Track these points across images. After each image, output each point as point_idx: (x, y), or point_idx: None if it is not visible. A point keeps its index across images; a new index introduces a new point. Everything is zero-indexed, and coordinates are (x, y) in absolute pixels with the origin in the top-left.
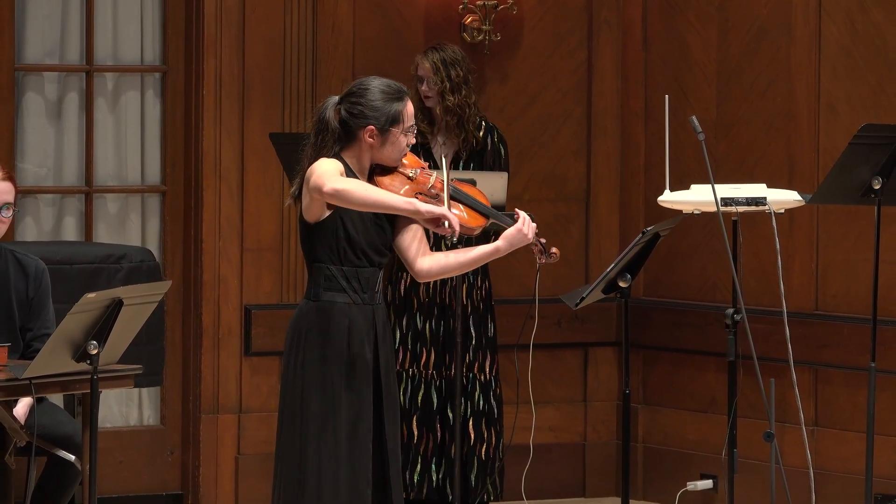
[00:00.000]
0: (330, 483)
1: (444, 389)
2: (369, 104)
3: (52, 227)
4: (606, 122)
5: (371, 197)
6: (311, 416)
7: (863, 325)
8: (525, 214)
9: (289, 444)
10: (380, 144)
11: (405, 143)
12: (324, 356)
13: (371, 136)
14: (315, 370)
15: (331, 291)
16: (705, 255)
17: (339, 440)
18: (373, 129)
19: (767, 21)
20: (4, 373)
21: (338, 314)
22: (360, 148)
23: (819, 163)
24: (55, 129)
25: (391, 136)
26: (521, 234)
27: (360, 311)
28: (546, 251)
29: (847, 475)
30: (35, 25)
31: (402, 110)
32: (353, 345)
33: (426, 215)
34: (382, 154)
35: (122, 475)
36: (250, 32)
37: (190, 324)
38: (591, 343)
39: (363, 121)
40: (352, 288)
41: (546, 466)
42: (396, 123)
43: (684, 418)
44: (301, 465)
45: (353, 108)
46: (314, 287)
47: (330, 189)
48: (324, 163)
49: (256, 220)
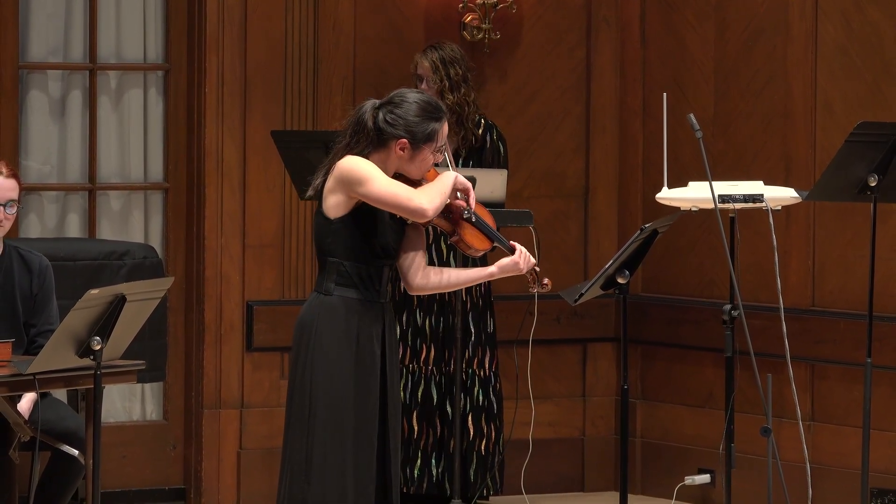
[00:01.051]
0: (335, 478)
1: (444, 385)
2: (408, 118)
3: (56, 223)
4: (605, 120)
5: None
6: (319, 410)
7: (859, 321)
8: (523, 249)
9: (296, 438)
10: (408, 158)
11: (431, 162)
12: (332, 351)
13: (402, 149)
14: (323, 364)
15: (343, 287)
16: (703, 252)
17: (345, 435)
18: (405, 142)
19: (764, 19)
20: (8, 368)
21: (348, 310)
22: (389, 157)
23: (816, 160)
24: (59, 127)
25: (422, 153)
26: (515, 266)
27: (370, 308)
28: (539, 281)
29: (843, 470)
30: (39, 24)
31: (439, 130)
32: (362, 341)
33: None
34: (408, 168)
35: (125, 470)
36: (252, 31)
37: (192, 320)
38: (590, 339)
39: (398, 131)
40: (364, 285)
41: (545, 461)
42: (429, 142)
43: (682, 413)
44: (307, 459)
45: (390, 117)
46: (326, 281)
47: (423, 210)
48: (368, 167)
49: (258, 217)
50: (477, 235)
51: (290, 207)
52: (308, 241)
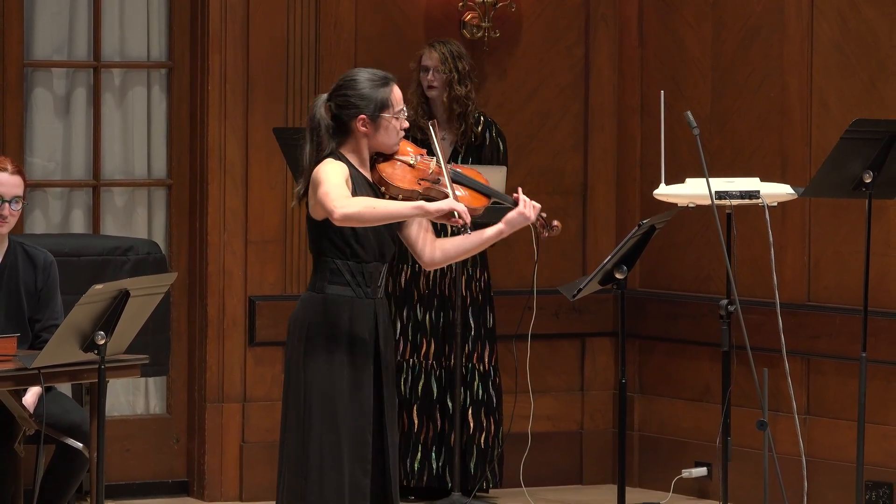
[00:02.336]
0: (332, 474)
1: (444, 379)
2: (357, 93)
3: (61, 219)
4: (603, 118)
5: (380, 213)
6: (314, 406)
7: (854, 316)
8: (524, 196)
9: (292, 434)
10: (373, 132)
11: (398, 128)
12: (326, 348)
13: (364, 125)
14: (317, 361)
15: (335, 285)
16: (700, 248)
17: (340, 431)
18: (364, 117)
19: (761, 18)
20: (14, 362)
21: (341, 307)
22: (357, 139)
23: (811, 157)
24: (63, 124)
25: (382, 121)
26: (522, 217)
27: (363, 305)
28: (548, 225)
29: (838, 463)
30: (44, 22)
31: (390, 95)
32: (356, 338)
33: (436, 214)
34: (377, 141)
35: (128, 463)
36: (254, 29)
37: (195, 315)
38: (589, 333)
39: (353, 111)
40: (356, 282)
41: (544, 454)
42: (385, 108)
43: (679, 407)
44: (304, 455)
45: (341, 100)
46: (319, 280)
47: (340, 216)
48: (329, 172)
49: (260, 214)
50: (471, 194)
51: (292, 204)
52: None
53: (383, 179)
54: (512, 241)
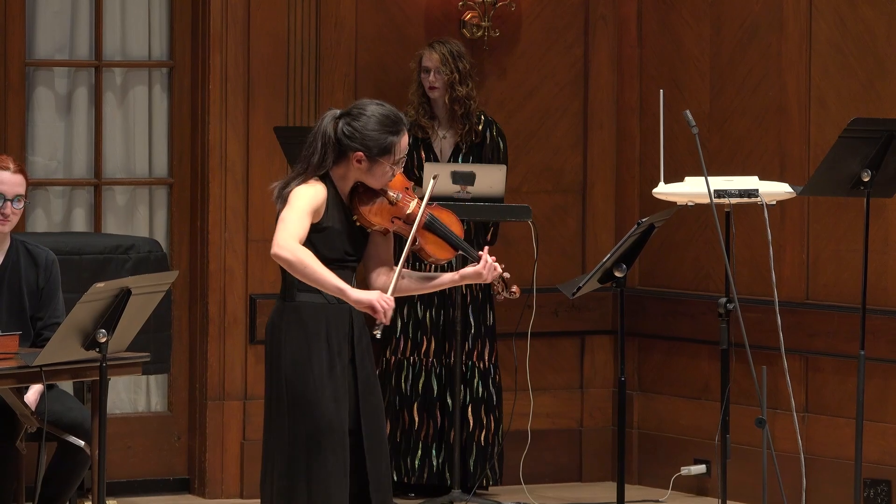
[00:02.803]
0: (316, 474)
1: (444, 377)
2: (364, 131)
3: (62, 218)
4: (602, 116)
5: (306, 275)
6: (294, 412)
7: (852, 314)
8: (488, 258)
9: (274, 440)
10: (366, 170)
11: (391, 174)
12: (301, 354)
13: (359, 161)
14: (294, 367)
15: (306, 292)
16: (699, 246)
17: (319, 436)
18: (361, 155)
19: (759, 17)
20: (16, 360)
21: (314, 314)
22: (348, 167)
23: (810, 156)
24: (65, 123)
25: (379, 165)
26: (477, 276)
27: (336, 311)
28: (507, 288)
29: (837, 460)
30: (45, 22)
31: (397, 143)
32: (331, 344)
33: (355, 303)
34: (367, 179)
35: (130, 460)
36: (255, 28)
37: (196, 313)
38: (588, 331)
39: (355, 144)
40: None
41: (543, 452)
42: (387, 155)
43: (678, 405)
44: (285, 460)
45: (348, 129)
46: (289, 288)
47: (273, 254)
48: (301, 197)
49: (261, 212)
50: (438, 244)
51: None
52: None
53: (358, 210)
54: (511, 239)
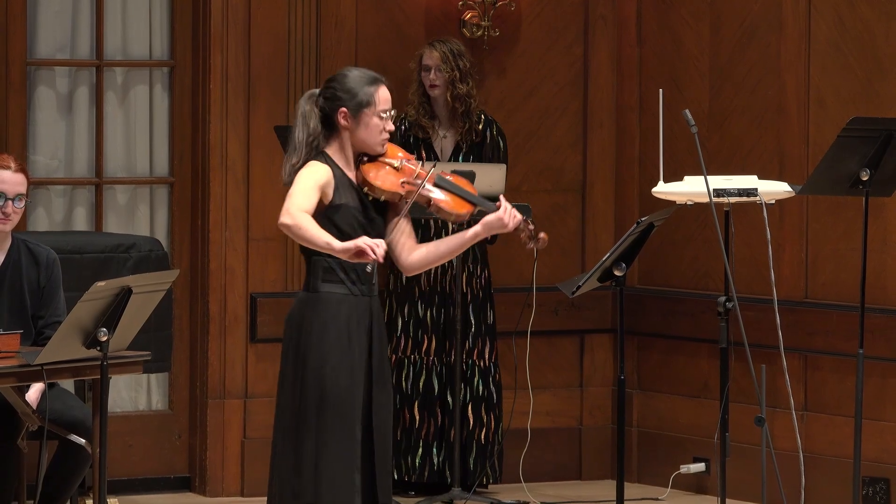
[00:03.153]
0: (326, 470)
1: (445, 375)
2: (342, 87)
3: (63, 217)
4: (602, 116)
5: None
6: (308, 404)
7: (851, 313)
8: (507, 203)
9: (286, 430)
10: (354, 127)
11: (381, 127)
12: (321, 346)
13: (345, 119)
14: (313, 358)
15: (329, 283)
16: (698, 245)
17: (334, 427)
18: (345, 111)
19: (758, 17)
20: (17, 359)
21: (335, 305)
22: (341, 137)
23: (809, 155)
24: (66, 123)
25: (363, 117)
26: (499, 222)
27: (357, 303)
28: (534, 236)
29: (836, 458)
30: (46, 21)
31: (374, 93)
32: (351, 336)
33: (342, 253)
34: (359, 139)
35: (131, 458)
36: (256, 28)
37: (197, 311)
38: (587, 330)
39: (336, 103)
40: (349, 279)
41: (543, 450)
42: (368, 105)
43: (678, 403)
44: (297, 452)
45: (329, 92)
46: (312, 279)
47: (279, 223)
48: (304, 176)
49: (262, 211)
50: (454, 199)
51: None
52: None
53: (366, 181)
54: (511, 238)
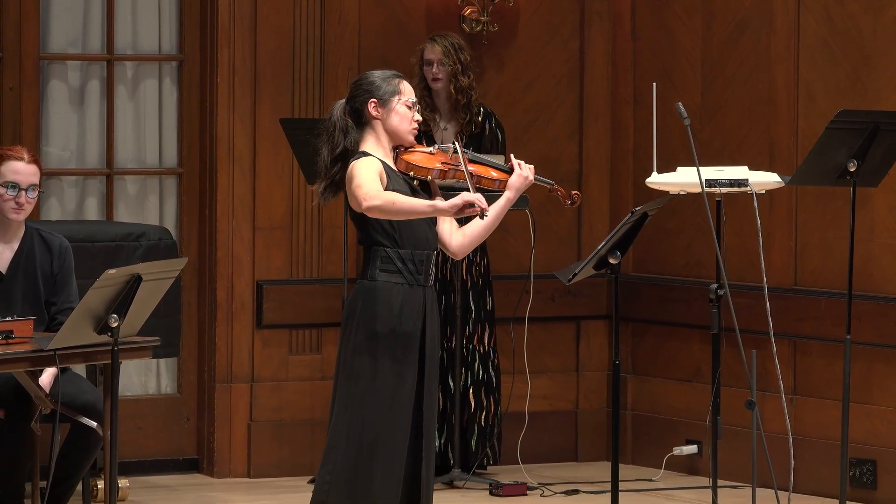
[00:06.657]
0: (381, 455)
1: (446, 360)
2: (368, 82)
3: (75, 207)
4: (597, 108)
5: (399, 208)
6: (361, 393)
7: (839, 300)
8: (516, 160)
9: (340, 415)
10: (385, 116)
11: (411, 116)
12: (375, 334)
13: (375, 109)
14: (366, 347)
15: (386, 272)
16: (691, 234)
17: (385, 415)
18: (374, 101)
19: (749, 13)
20: (30, 344)
21: (392, 294)
22: (374, 129)
23: (798, 146)
24: (78, 115)
25: (392, 104)
26: (523, 179)
27: (413, 293)
28: (569, 195)
29: (824, 440)
30: (59, 17)
31: (399, 84)
32: (405, 325)
33: (450, 211)
34: (390, 126)
35: (140, 441)
36: (262, 23)
37: (205, 298)
38: (583, 316)
39: (365, 96)
40: (407, 270)
41: (541, 433)
42: (395, 94)
43: (671, 387)
44: (349, 437)
45: (355, 91)
46: (371, 268)
47: (367, 207)
48: (362, 167)
49: (268, 201)
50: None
51: (298, 191)
52: (315, 223)
53: (410, 165)
54: (510, 227)
